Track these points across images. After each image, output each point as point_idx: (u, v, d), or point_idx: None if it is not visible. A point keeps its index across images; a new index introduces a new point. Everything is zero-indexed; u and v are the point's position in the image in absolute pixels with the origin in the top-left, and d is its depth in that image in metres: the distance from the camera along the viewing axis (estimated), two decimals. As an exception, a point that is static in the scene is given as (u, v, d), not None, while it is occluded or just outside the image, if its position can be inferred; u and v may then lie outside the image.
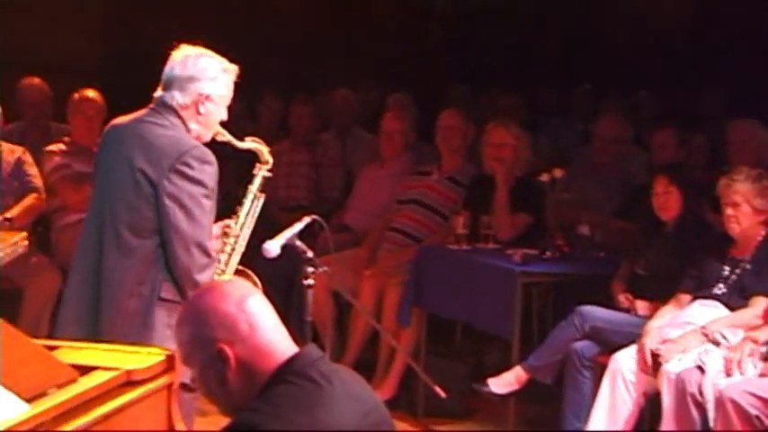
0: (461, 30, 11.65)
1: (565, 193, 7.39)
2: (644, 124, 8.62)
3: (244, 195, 4.93)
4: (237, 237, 4.83)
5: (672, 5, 11.07)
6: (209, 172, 4.44)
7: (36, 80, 8.61)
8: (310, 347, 2.87)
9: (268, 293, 2.94)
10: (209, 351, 2.79)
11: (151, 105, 4.55)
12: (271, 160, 4.96)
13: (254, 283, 4.82)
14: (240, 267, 4.82)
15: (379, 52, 11.48)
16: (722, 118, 8.11)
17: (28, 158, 7.54)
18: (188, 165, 4.38)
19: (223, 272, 4.74)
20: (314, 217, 5.00)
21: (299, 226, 4.86)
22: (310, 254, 4.78)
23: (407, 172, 7.85)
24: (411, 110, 8.75)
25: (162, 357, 3.57)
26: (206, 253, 4.44)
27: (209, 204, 4.46)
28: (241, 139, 4.84)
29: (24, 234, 3.51)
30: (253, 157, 4.99)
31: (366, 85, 9.98)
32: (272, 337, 2.83)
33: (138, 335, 4.32)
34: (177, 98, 4.49)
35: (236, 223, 4.84)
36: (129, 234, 4.43)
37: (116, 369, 3.39)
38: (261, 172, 4.94)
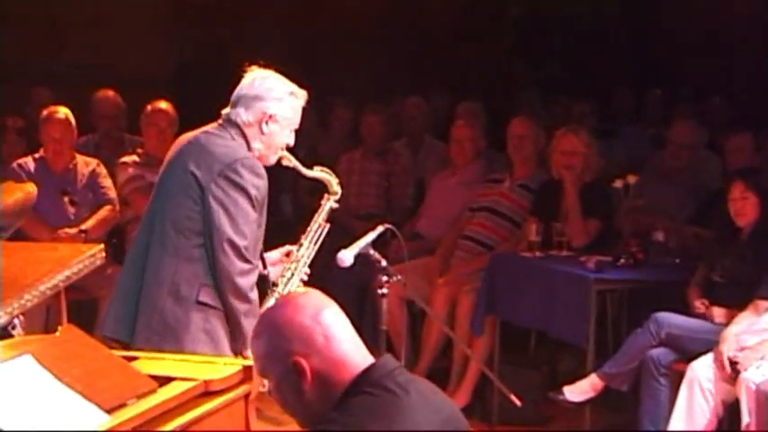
0: (532, 36, 11.60)
1: (638, 199, 7.33)
2: (717, 129, 8.53)
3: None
4: (298, 262, 4.89)
5: (745, 10, 10.95)
6: (257, 184, 4.49)
7: (110, 93, 8.71)
8: (386, 358, 2.86)
9: (340, 302, 2.94)
10: (286, 363, 2.79)
11: (218, 121, 4.63)
12: (339, 191, 4.99)
13: None
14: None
15: (449, 60, 11.45)
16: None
17: (102, 170, 7.63)
18: (237, 172, 4.45)
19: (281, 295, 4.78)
20: (387, 226, 5.01)
21: (372, 235, 4.87)
22: (384, 263, 4.80)
23: (479, 179, 7.81)
24: (481, 117, 8.72)
25: (239, 368, 3.58)
26: (246, 259, 4.48)
27: (254, 215, 4.51)
28: (309, 168, 4.87)
29: (102, 246, 3.54)
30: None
31: (437, 93, 9.96)
32: (348, 348, 2.82)
33: (171, 334, 4.41)
34: (242, 115, 4.56)
35: (298, 250, 4.91)
36: (173, 232, 4.50)
37: (194, 380, 3.40)
38: (329, 203, 4.99)
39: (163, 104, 7.86)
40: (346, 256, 4.71)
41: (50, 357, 3.12)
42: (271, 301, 4.72)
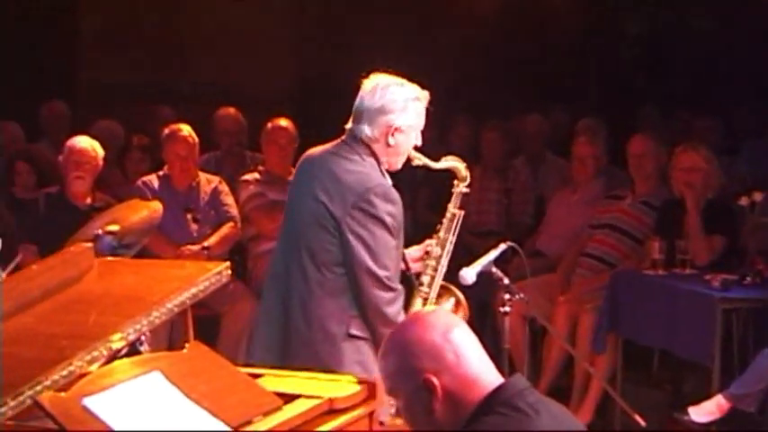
0: (652, 50, 11.48)
1: (764, 216, 7.19)
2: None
3: (438, 221, 4.92)
4: (439, 257, 4.80)
5: None
6: (391, 211, 4.43)
7: (231, 110, 8.82)
8: (516, 377, 2.85)
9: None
10: (416, 381, 2.78)
11: (342, 138, 4.56)
12: (468, 176, 4.91)
13: (458, 300, 4.81)
14: (444, 284, 4.80)
15: (568, 76, 11.38)
16: None
17: (224, 188, 7.70)
18: (371, 203, 4.39)
19: (428, 294, 4.74)
20: (510, 244, 4.98)
21: (494, 253, 4.84)
22: (507, 281, 4.77)
23: (600, 196, 7.75)
24: (602, 134, 8.64)
25: (363, 385, 3.58)
26: (390, 288, 4.44)
27: (393, 242, 4.46)
28: (436, 160, 4.83)
29: (227, 264, 3.57)
30: (443, 183, 4.99)
31: (557, 110, 9.90)
32: (478, 367, 2.81)
33: (325, 369, 4.33)
34: (366, 131, 4.48)
35: (436, 243, 4.82)
36: (313, 266, 4.46)
37: (318, 397, 3.41)
38: (459, 188, 4.89)
39: (283, 122, 7.91)
40: (469, 275, 4.68)
41: (178, 374, 3.15)
42: (418, 302, 4.70)
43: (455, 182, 4.90)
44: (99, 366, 3.04)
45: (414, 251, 4.80)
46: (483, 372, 2.80)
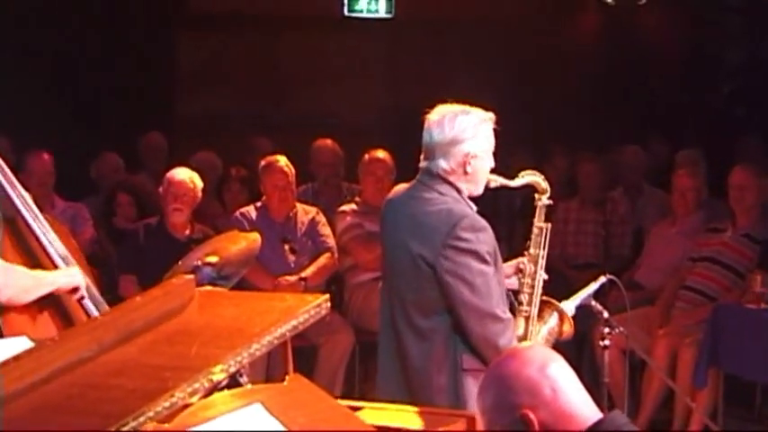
0: (752, 80, 11.36)
1: None
2: None
3: (528, 239, 4.87)
4: (534, 273, 4.74)
5: None
6: (482, 239, 4.38)
7: (328, 141, 8.87)
8: (616, 413, 2.82)
9: (559, 352, 2.89)
10: (512, 416, 2.76)
11: (418, 177, 4.52)
12: (548, 188, 4.81)
13: (561, 313, 4.75)
14: (545, 299, 4.75)
15: (666, 106, 11.29)
16: None
17: (321, 218, 7.74)
18: (460, 238, 4.34)
19: (528, 311, 4.69)
20: (609, 276, 4.95)
21: (594, 286, 4.81)
22: (606, 314, 4.73)
23: (700, 229, 7.68)
24: (702, 165, 8.58)
25: (462, 419, 3.57)
26: (499, 319, 4.38)
27: (491, 270, 4.39)
28: (513, 178, 4.76)
29: (327, 296, 3.57)
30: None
31: (655, 141, 9.82)
32: (576, 402, 2.78)
33: (453, 408, 4.26)
34: (443, 165, 4.43)
35: (528, 260, 4.76)
36: (417, 315, 4.44)
37: (417, 431, 3.41)
38: (541, 201, 4.81)
39: (380, 153, 7.95)
40: (568, 307, 4.66)
41: (279, 406, 3.16)
42: (520, 322, 4.66)
43: (536, 195, 4.82)
44: (200, 398, 3.05)
45: (506, 267, 4.72)
46: (581, 407, 2.77)
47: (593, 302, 4.72)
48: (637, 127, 10.13)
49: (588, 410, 2.79)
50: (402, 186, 4.65)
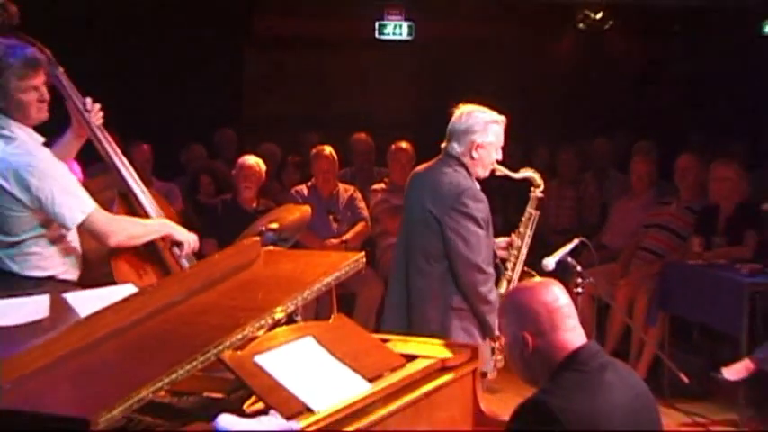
0: (695, 87, 11.30)
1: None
2: None
3: (520, 221, 4.90)
4: (520, 248, 4.83)
5: None
6: (480, 208, 4.47)
7: (363, 135, 8.84)
8: (592, 342, 2.83)
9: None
10: (516, 336, 2.80)
11: (440, 156, 4.62)
12: (542, 184, 4.90)
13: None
14: (525, 269, 4.82)
15: (626, 108, 11.24)
16: None
17: (358, 195, 7.75)
18: (464, 204, 4.43)
19: (511, 276, 4.77)
20: (582, 239, 4.94)
21: (569, 246, 4.80)
22: (579, 268, 4.72)
23: (653, 203, 7.66)
24: (654, 154, 8.54)
25: (468, 349, 3.57)
26: (482, 271, 4.46)
27: (483, 233, 4.48)
28: (516, 171, 4.81)
29: (363, 254, 3.58)
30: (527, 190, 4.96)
31: (618, 135, 9.75)
32: (569, 338, 2.79)
33: (439, 336, 4.34)
34: (456, 148, 4.54)
35: (517, 237, 4.84)
36: (422, 259, 4.51)
37: (433, 357, 3.42)
38: (535, 193, 4.89)
39: (404, 144, 7.95)
40: (549, 263, 4.66)
41: (326, 338, 3.17)
42: (503, 283, 4.72)
43: (532, 188, 4.91)
44: (265, 332, 3.07)
45: (500, 242, 4.81)
46: (570, 339, 2.78)
47: (570, 259, 4.71)
48: (604, 124, 10.04)
49: (576, 339, 2.78)
50: (426, 164, 4.72)
